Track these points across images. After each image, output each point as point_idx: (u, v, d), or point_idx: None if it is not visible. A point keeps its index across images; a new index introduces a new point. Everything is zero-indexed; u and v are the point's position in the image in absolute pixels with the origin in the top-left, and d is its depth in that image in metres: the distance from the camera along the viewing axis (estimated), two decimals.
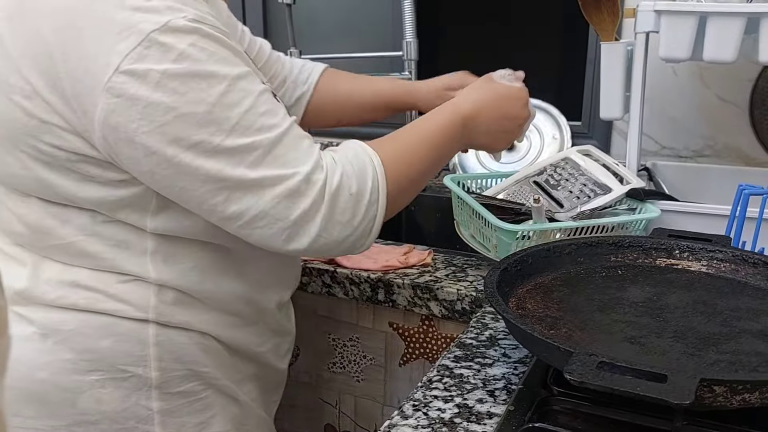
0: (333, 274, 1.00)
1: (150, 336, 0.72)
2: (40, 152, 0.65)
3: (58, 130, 0.63)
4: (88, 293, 0.71)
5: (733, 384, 0.50)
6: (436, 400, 0.63)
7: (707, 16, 0.91)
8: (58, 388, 0.71)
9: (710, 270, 0.77)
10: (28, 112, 0.63)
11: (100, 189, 0.66)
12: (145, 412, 0.73)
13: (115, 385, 0.71)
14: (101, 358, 0.71)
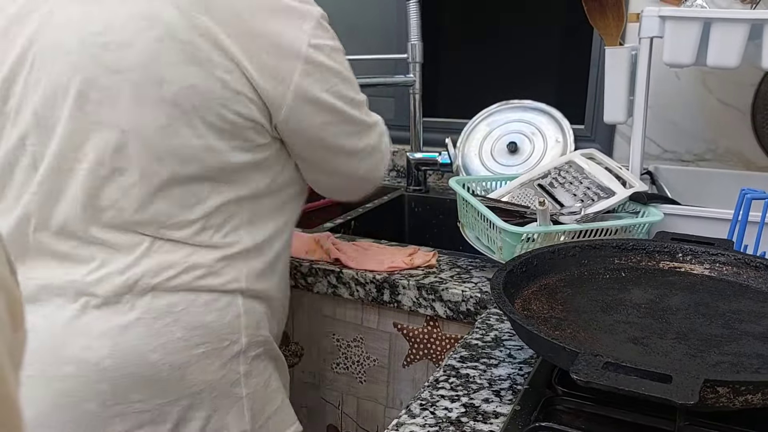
0: (339, 274, 1.01)
1: (240, 306, 0.81)
2: (223, 120, 0.75)
3: (245, 100, 0.75)
4: (197, 271, 0.77)
5: (736, 385, 0.50)
6: (443, 399, 0.64)
7: (711, 22, 0.92)
8: (170, 366, 0.75)
9: (712, 273, 0.78)
10: (226, 84, 0.73)
11: (247, 154, 0.78)
12: (235, 376, 0.81)
13: (216, 354, 0.79)
14: (208, 332, 0.78)
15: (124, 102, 0.72)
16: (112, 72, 0.72)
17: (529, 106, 1.41)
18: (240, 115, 0.75)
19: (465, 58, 1.75)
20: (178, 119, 0.73)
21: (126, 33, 0.72)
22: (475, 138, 1.42)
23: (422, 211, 1.47)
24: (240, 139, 0.77)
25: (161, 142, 0.73)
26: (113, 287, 0.74)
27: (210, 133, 0.75)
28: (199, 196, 0.77)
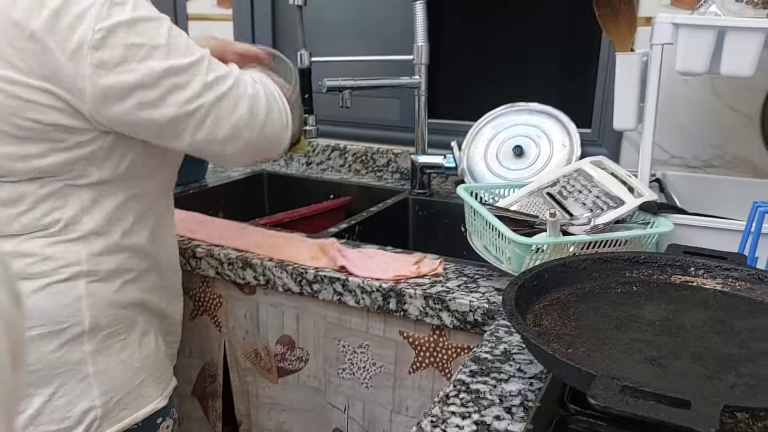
0: (344, 282, 1.00)
1: (81, 289, 0.84)
2: (18, 128, 0.75)
3: (39, 107, 0.75)
4: (26, 259, 0.81)
5: (756, 411, 0.50)
6: (454, 416, 0.64)
7: (726, 30, 0.90)
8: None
9: (725, 288, 0.77)
10: (10, 94, 0.74)
11: (63, 153, 0.79)
12: (78, 355, 0.85)
13: (52, 336, 0.83)
14: (41, 314, 0.82)
15: None
16: None
17: (535, 109, 1.40)
18: (37, 121, 0.76)
19: (470, 59, 1.74)
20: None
21: None
22: (480, 141, 1.41)
23: (426, 214, 1.46)
24: (50, 141, 0.78)
25: None
26: None
27: (9, 141, 0.76)
28: (20, 193, 0.80)
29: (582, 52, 1.52)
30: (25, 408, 0.83)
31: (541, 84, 1.65)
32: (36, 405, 0.83)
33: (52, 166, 0.79)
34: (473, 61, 1.73)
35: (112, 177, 0.84)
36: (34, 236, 0.82)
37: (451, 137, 1.44)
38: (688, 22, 0.92)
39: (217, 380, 1.21)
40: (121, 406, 0.89)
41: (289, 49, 1.40)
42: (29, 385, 0.82)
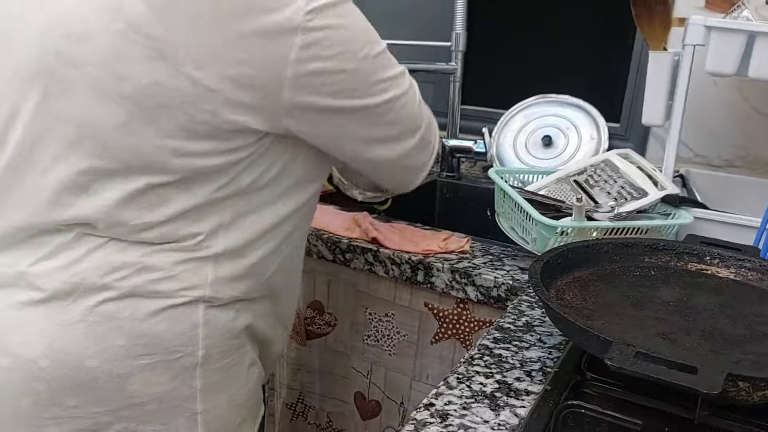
0: (376, 253, 1.06)
1: (200, 316, 0.75)
2: (192, 121, 0.68)
3: (220, 99, 0.67)
4: (151, 274, 0.72)
5: (757, 381, 0.55)
6: (478, 375, 0.70)
7: (756, 35, 0.94)
8: (109, 375, 0.72)
9: (738, 277, 0.82)
10: (197, 81, 0.66)
11: (223, 156, 0.71)
12: (189, 390, 0.76)
13: (165, 366, 0.74)
14: (154, 342, 0.73)
15: (80, 97, 0.68)
16: (71, 65, 0.67)
17: (566, 102, 1.45)
18: (214, 115, 0.68)
19: (505, 48, 1.78)
20: (138, 117, 0.67)
21: (88, 24, 0.67)
22: (511, 129, 1.46)
23: (453, 197, 1.51)
24: (216, 140, 0.70)
25: (120, 140, 0.69)
26: (58, 283, 0.70)
27: (179, 134, 0.68)
28: (165, 198, 0.71)
29: (616, 49, 1.56)
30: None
31: (574, 77, 1.68)
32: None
33: (209, 168, 0.71)
34: (507, 50, 1.77)
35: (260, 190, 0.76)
36: (164, 248, 0.73)
37: (482, 124, 1.49)
38: (720, 25, 0.96)
39: None
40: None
41: None
42: (132, 419, 0.74)
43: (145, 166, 0.70)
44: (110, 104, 0.67)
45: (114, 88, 0.67)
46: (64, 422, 0.72)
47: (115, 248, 0.72)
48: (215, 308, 0.76)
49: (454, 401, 0.65)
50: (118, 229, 0.72)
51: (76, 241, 0.71)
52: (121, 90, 0.67)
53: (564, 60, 1.69)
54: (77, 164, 0.70)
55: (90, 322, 0.71)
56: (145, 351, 0.72)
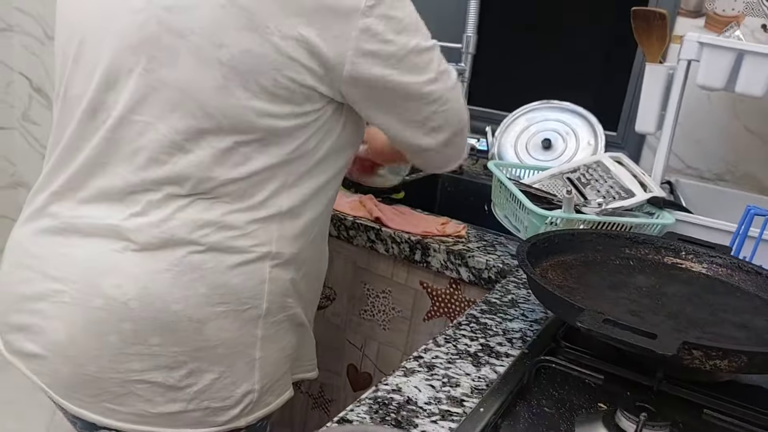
0: (378, 231, 1.13)
1: (266, 272, 0.84)
2: (276, 85, 0.77)
3: (299, 66, 0.77)
4: (230, 231, 0.81)
5: (708, 349, 0.62)
6: (464, 338, 0.77)
7: (745, 53, 1.02)
8: (189, 319, 0.80)
9: (709, 272, 0.89)
10: (280, 50, 0.76)
11: (296, 119, 0.81)
12: (251, 338, 0.85)
13: (235, 315, 0.83)
14: (231, 293, 0.82)
15: (184, 63, 0.76)
16: (175, 34, 0.75)
17: (567, 108, 1.52)
18: (293, 80, 0.78)
19: (512, 54, 1.85)
20: (234, 81, 0.76)
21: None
22: (513, 130, 1.53)
23: (454, 191, 1.59)
24: (292, 104, 0.79)
25: (216, 101, 0.77)
26: (149, 237, 0.79)
27: (264, 96, 0.77)
28: (247, 156, 0.80)
29: (619, 61, 1.63)
30: (195, 382, 0.82)
31: (577, 85, 1.76)
32: (206, 381, 0.83)
33: (284, 130, 0.80)
34: (514, 55, 1.84)
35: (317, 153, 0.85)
36: (240, 209, 0.82)
37: (486, 124, 1.56)
38: (712, 42, 1.03)
39: None
40: (269, 393, 0.90)
41: None
42: (204, 360, 0.82)
43: (233, 125, 0.78)
44: (210, 69, 0.76)
45: (214, 54, 0.75)
46: (146, 359, 0.80)
47: (199, 208, 0.80)
48: (278, 267, 0.86)
49: (441, 356, 0.72)
50: (204, 185, 0.80)
51: (164, 201, 0.80)
52: (220, 56, 0.75)
53: (568, 68, 1.77)
54: (176, 124, 0.78)
55: (177, 271, 0.79)
56: (222, 300, 0.81)
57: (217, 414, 0.84)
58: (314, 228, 0.91)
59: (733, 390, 0.72)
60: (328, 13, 0.76)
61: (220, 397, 0.84)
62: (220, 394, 0.84)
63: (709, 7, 1.41)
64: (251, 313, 0.84)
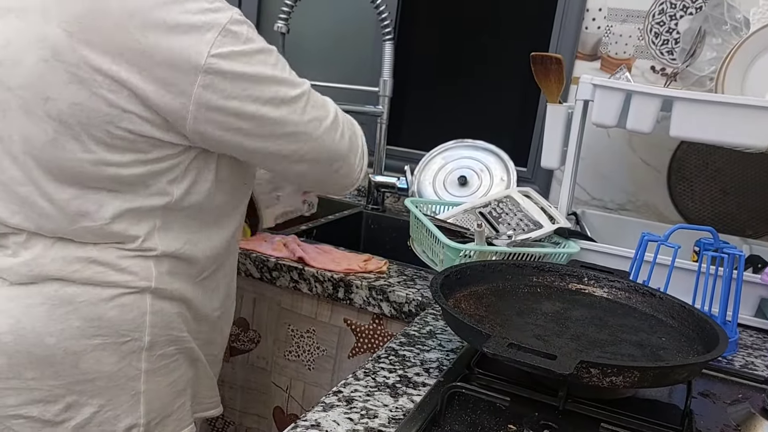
0: (301, 271, 1.15)
1: (148, 305, 0.85)
2: (112, 136, 0.77)
3: (134, 117, 0.77)
4: (100, 267, 0.82)
5: (605, 367, 0.67)
6: (383, 370, 0.79)
7: (632, 93, 1.11)
8: (65, 352, 0.81)
9: (609, 296, 0.96)
10: (112, 102, 0.76)
11: (145, 166, 0.81)
12: (134, 371, 0.85)
13: (114, 347, 0.83)
14: (107, 325, 0.82)
15: (14, 115, 0.77)
16: (4, 87, 0.77)
17: (481, 146, 1.60)
18: (130, 131, 0.77)
19: (431, 96, 1.93)
20: (64, 134, 0.77)
21: (18, 51, 0.76)
22: (431, 168, 1.60)
23: (378, 228, 1.63)
24: (135, 152, 0.79)
25: (50, 154, 0.78)
26: (20, 276, 0.81)
27: (99, 148, 0.77)
28: (100, 203, 0.80)
29: (527, 102, 1.73)
30: (73, 416, 0.83)
31: (492, 125, 1.85)
32: (86, 414, 0.83)
33: (132, 177, 0.80)
34: (431, 98, 1.92)
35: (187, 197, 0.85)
36: (110, 246, 0.83)
37: (405, 163, 1.62)
38: (603, 84, 1.13)
39: None
40: (160, 428, 0.89)
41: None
42: (83, 393, 0.83)
43: (72, 176, 0.79)
44: (39, 123, 0.77)
45: (41, 107, 0.76)
46: (22, 393, 0.81)
47: (68, 247, 0.82)
48: (162, 300, 0.86)
49: (360, 390, 0.74)
50: (63, 229, 0.81)
51: (29, 241, 0.82)
52: (47, 110, 0.76)
53: (480, 108, 1.86)
54: (16, 176, 0.80)
55: (51, 305, 0.81)
56: (98, 332, 0.82)
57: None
58: (210, 267, 0.92)
59: (632, 405, 0.77)
60: (165, 65, 0.76)
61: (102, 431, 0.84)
62: (102, 428, 0.84)
63: (603, 50, 1.53)
64: (132, 345, 0.84)
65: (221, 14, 0.78)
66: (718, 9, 1.30)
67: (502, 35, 1.79)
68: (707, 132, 1.07)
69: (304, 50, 1.90)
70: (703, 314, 0.85)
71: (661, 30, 1.48)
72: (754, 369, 0.95)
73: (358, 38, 1.85)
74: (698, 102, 1.06)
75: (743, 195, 1.46)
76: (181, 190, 0.85)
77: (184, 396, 0.92)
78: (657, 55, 1.49)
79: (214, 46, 0.77)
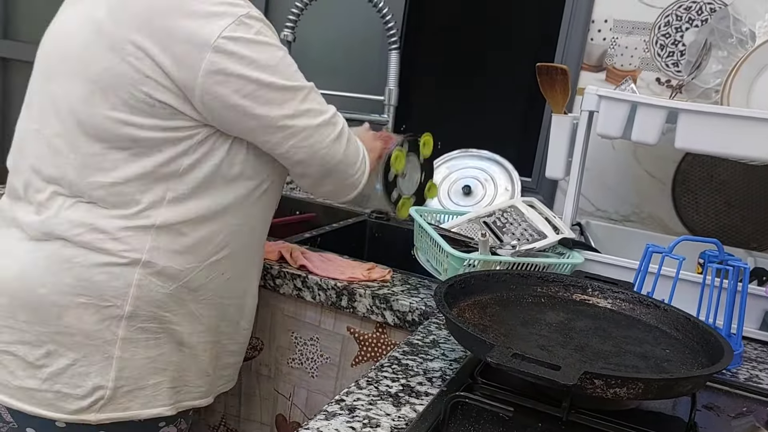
0: (304, 279, 1.15)
1: (134, 278, 0.92)
2: (134, 98, 0.88)
3: (154, 84, 0.88)
4: (99, 234, 0.91)
5: (608, 378, 0.67)
6: (386, 379, 0.79)
7: (637, 105, 1.11)
8: (52, 304, 0.90)
9: (614, 307, 0.95)
10: (137, 68, 0.88)
11: (162, 132, 0.90)
12: (111, 335, 0.92)
13: (95, 309, 0.91)
14: (93, 287, 0.90)
15: (66, 78, 0.92)
16: (64, 56, 0.93)
17: (486, 156, 1.60)
18: (150, 96, 0.88)
19: (436, 105, 1.94)
20: (97, 93, 0.89)
21: (73, 26, 0.94)
22: (436, 178, 1.60)
23: (381, 237, 1.63)
24: (155, 118, 0.89)
25: (84, 112, 0.90)
26: (36, 232, 0.92)
27: (124, 108, 0.89)
28: (116, 164, 0.91)
29: (532, 112, 1.74)
30: (50, 363, 0.91)
31: (497, 135, 1.85)
32: (61, 365, 0.91)
33: (148, 141, 0.89)
34: (437, 106, 1.93)
35: (199, 175, 0.93)
36: (114, 215, 0.91)
37: None
38: (608, 95, 1.13)
39: None
40: (129, 398, 0.93)
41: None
42: (61, 344, 0.90)
43: (97, 133, 0.90)
44: (81, 83, 0.90)
45: (85, 72, 0.90)
46: (14, 331, 0.92)
47: (79, 210, 0.92)
48: (151, 276, 0.93)
49: (362, 398, 0.74)
50: (80, 187, 0.91)
51: (51, 200, 0.93)
52: (89, 74, 0.90)
53: (485, 118, 1.86)
54: (56, 129, 0.92)
55: (51, 260, 0.91)
56: (84, 292, 0.90)
57: (67, 400, 0.91)
58: (213, 252, 0.97)
59: (636, 417, 0.77)
60: (181, 41, 0.87)
61: (71, 384, 0.91)
62: (72, 381, 0.91)
63: (609, 62, 1.54)
64: (112, 311, 0.91)
65: (238, 8, 0.90)
66: (724, 22, 1.30)
67: (508, 45, 1.80)
68: (712, 144, 1.07)
69: (310, 59, 1.91)
70: (707, 326, 0.85)
71: (667, 42, 1.48)
72: (759, 382, 0.95)
73: (364, 47, 1.86)
74: (703, 114, 1.07)
75: (748, 207, 1.46)
76: (191, 161, 0.92)
77: (162, 375, 0.96)
78: (662, 67, 1.49)
79: (226, 30, 0.88)
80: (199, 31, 0.87)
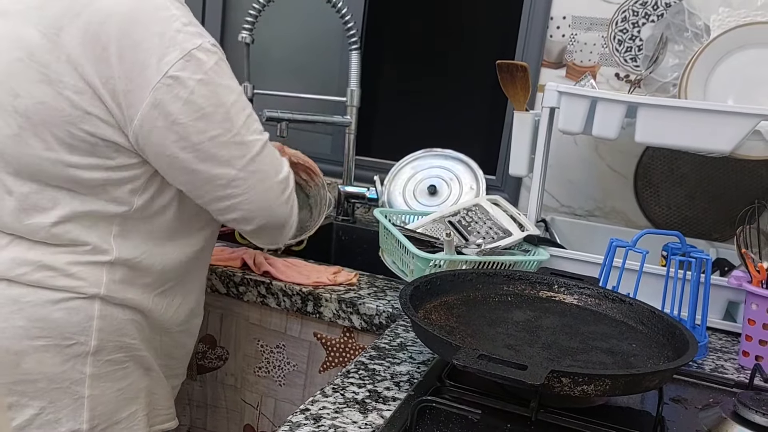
0: (268, 285, 1.13)
1: (96, 310, 0.85)
2: (72, 137, 0.80)
3: (96, 120, 0.79)
4: (49, 272, 0.83)
5: (575, 376, 0.66)
6: (352, 385, 0.77)
7: (597, 100, 1.12)
8: (6, 351, 0.82)
9: (580, 303, 0.95)
10: (75, 104, 0.78)
11: (106, 172, 0.82)
12: (78, 375, 0.85)
13: (57, 350, 0.83)
14: (52, 327, 0.83)
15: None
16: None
17: (450, 155, 1.59)
18: (91, 134, 0.80)
19: (400, 106, 1.93)
20: (28, 130, 0.80)
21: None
22: (400, 178, 1.59)
23: (348, 239, 1.61)
24: (96, 157, 0.81)
25: (12, 149, 0.81)
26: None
27: (60, 148, 0.80)
28: (55, 201, 0.82)
29: (497, 111, 1.74)
30: (14, 417, 0.83)
31: (461, 133, 1.85)
32: (26, 416, 0.84)
33: (92, 181, 0.82)
34: (400, 107, 1.92)
35: (148, 208, 0.86)
36: (61, 251, 0.83)
37: (374, 173, 1.60)
38: (568, 91, 1.13)
39: None
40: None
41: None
42: (24, 395, 0.83)
43: (31, 173, 0.82)
44: (7, 117, 0.81)
45: (10, 103, 0.80)
46: None
47: (19, 247, 0.84)
48: (113, 306, 0.87)
49: (328, 407, 0.72)
50: (17, 226, 0.83)
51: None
52: (16, 105, 0.80)
53: (449, 117, 1.86)
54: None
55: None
56: (42, 333, 0.82)
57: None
58: (170, 281, 0.93)
59: (605, 413, 0.76)
60: (124, 78, 0.78)
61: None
62: (42, 430, 0.84)
63: (568, 58, 1.54)
64: (77, 348, 0.84)
65: (191, 39, 0.80)
66: (679, 16, 1.32)
67: (469, 44, 1.80)
68: (671, 137, 1.08)
69: (270, 60, 1.88)
70: (672, 319, 0.85)
71: (625, 37, 1.49)
72: (724, 372, 0.96)
73: (325, 48, 1.83)
74: (662, 108, 1.07)
75: (708, 199, 1.48)
76: (143, 200, 0.86)
77: (135, 404, 0.91)
78: (621, 62, 1.50)
79: (174, 68, 0.78)
80: (144, 66, 0.77)
